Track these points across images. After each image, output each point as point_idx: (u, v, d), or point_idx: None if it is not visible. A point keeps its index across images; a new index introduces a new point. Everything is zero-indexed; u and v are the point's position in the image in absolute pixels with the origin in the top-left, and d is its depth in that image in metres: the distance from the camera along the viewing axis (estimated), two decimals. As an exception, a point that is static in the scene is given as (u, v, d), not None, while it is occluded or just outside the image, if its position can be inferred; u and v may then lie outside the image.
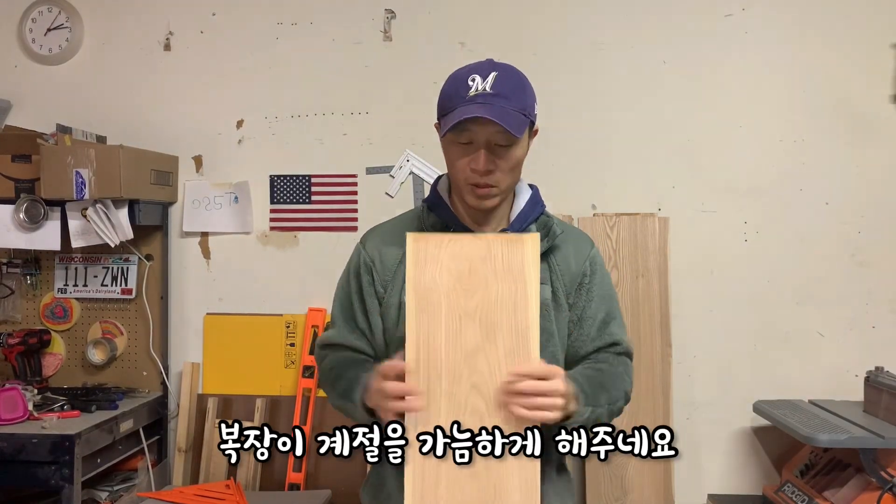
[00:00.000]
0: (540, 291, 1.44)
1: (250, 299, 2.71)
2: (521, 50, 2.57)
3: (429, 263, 1.26)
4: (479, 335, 1.25)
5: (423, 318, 1.25)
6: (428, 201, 1.54)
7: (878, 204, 2.52)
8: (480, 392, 1.24)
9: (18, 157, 2.43)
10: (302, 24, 2.69)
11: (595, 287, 1.51)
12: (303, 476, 2.54)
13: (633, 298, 2.48)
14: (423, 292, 1.26)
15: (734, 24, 2.55)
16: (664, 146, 2.58)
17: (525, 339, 1.25)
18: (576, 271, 1.50)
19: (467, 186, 1.42)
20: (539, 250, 1.29)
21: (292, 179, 2.70)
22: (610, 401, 1.42)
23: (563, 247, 1.51)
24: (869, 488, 2.06)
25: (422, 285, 1.26)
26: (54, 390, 2.52)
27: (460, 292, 1.26)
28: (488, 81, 1.41)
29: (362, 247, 1.55)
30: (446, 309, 1.25)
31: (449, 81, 1.46)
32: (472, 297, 1.26)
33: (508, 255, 1.26)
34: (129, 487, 2.51)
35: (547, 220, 1.51)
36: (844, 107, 2.52)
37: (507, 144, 1.40)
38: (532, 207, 1.51)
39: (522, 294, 1.25)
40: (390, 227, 1.58)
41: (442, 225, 1.49)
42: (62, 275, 2.69)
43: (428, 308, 1.25)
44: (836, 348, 2.53)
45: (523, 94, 1.44)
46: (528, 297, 1.25)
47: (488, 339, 1.24)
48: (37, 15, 2.74)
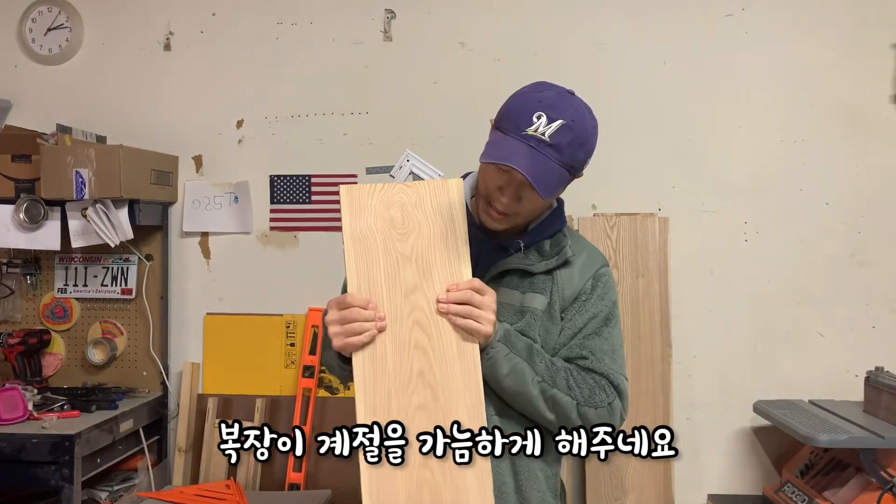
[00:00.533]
0: (533, 300, 1.44)
1: (250, 299, 2.71)
2: (521, 50, 2.57)
3: (363, 212, 1.33)
4: (416, 275, 1.32)
5: (362, 263, 1.32)
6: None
7: (878, 204, 2.53)
8: (422, 327, 1.30)
9: (18, 157, 2.43)
10: (302, 24, 2.69)
11: (589, 303, 1.45)
12: (303, 476, 2.54)
13: (633, 298, 2.48)
14: (360, 239, 1.32)
15: (734, 24, 2.55)
16: (664, 146, 2.58)
17: (458, 272, 1.32)
18: (578, 287, 1.45)
19: (484, 204, 1.40)
20: (463, 194, 1.35)
21: (292, 179, 2.70)
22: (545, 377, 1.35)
23: (574, 262, 1.47)
24: (869, 488, 2.06)
25: (358, 232, 1.32)
26: (54, 390, 2.52)
27: (395, 236, 1.33)
28: (551, 128, 1.31)
29: None
30: (383, 253, 1.32)
31: (518, 99, 1.37)
32: (407, 240, 1.33)
33: (436, 198, 1.35)
34: (129, 487, 2.51)
35: (562, 239, 1.46)
36: (844, 107, 2.53)
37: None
38: (551, 223, 1.47)
39: (451, 232, 1.33)
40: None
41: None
42: (62, 275, 2.69)
43: (366, 254, 1.32)
44: (836, 348, 2.53)
45: (579, 151, 1.37)
46: (456, 235, 1.33)
47: (425, 277, 1.32)
48: (37, 15, 2.74)
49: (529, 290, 1.44)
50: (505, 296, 1.43)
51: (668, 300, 2.49)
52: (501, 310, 1.40)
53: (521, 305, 1.43)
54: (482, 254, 1.45)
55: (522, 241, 1.45)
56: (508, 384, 1.35)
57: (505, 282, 1.45)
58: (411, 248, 1.33)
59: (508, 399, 1.39)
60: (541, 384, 1.36)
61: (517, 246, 1.45)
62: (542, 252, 1.46)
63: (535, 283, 1.45)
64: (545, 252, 1.46)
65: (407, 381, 1.29)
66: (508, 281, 1.45)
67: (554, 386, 1.36)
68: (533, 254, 1.45)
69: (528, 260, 1.44)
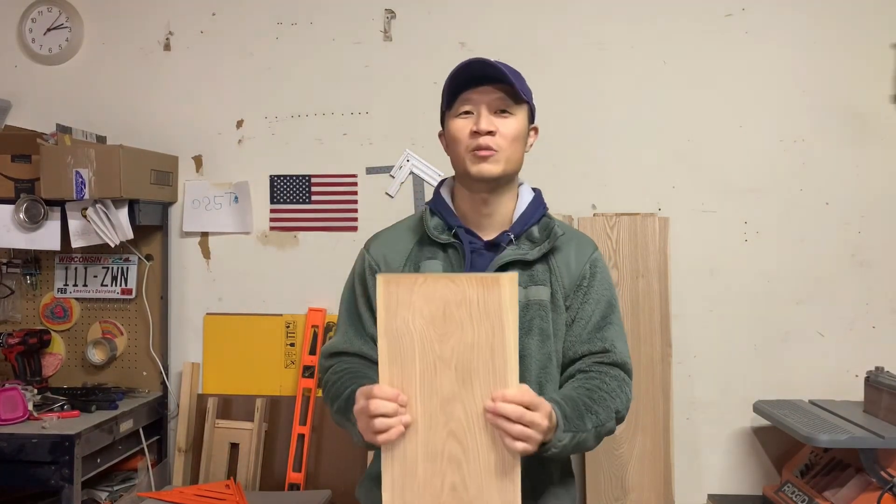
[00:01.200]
0: (538, 293, 1.45)
1: (250, 299, 2.71)
2: (521, 50, 2.57)
3: (400, 307, 1.21)
4: (455, 382, 1.20)
5: (396, 364, 1.21)
6: (431, 203, 1.54)
7: (878, 204, 2.52)
8: (458, 438, 1.21)
9: (18, 157, 2.43)
10: (302, 24, 2.69)
11: (593, 290, 1.49)
12: (303, 476, 2.54)
13: (633, 298, 2.48)
14: (395, 338, 1.21)
15: (734, 24, 2.55)
16: (664, 146, 2.58)
17: (503, 382, 1.19)
18: (576, 273, 1.49)
19: (469, 154, 1.43)
20: (517, 289, 1.22)
21: (292, 179, 2.70)
22: (597, 423, 1.37)
23: (565, 248, 1.51)
24: (869, 488, 2.05)
25: (393, 330, 1.21)
26: (54, 390, 2.52)
27: (434, 337, 1.21)
28: (489, 60, 1.44)
29: (366, 251, 1.56)
30: (420, 354, 1.21)
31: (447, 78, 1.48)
32: (447, 343, 1.21)
33: (484, 297, 1.19)
34: (129, 487, 2.51)
35: (549, 222, 1.51)
36: (844, 107, 2.52)
37: (508, 111, 1.43)
38: (534, 209, 1.52)
39: (500, 338, 1.19)
40: (393, 231, 1.59)
41: (444, 226, 1.50)
42: (62, 275, 2.69)
43: (401, 354, 1.21)
44: (836, 348, 2.53)
45: (521, 79, 1.48)
46: (505, 342, 1.19)
47: (465, 386, 1.20)
48: (37, 15, 2.74)
49: (531, 283, 1.46)
50: None
51: (668, 300, 2.49)
52: None
53: (525, 300, 1.45)
54: (475, 255, 1.46)
55: (510, 232, 1.47)
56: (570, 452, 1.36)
57: None
58: (451, 351, 1.21)
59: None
60: (596, 430, 1.38)
61: (507, 238, 1.47)
62: (532, 239, 1.49)
63: (535, 276, 1.47)
64: (535, 238, 1.49)
65: (437, 495, 1.21)
66: None
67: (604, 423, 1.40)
68: (524, 242, 1.48)
69: (521, 249, 1.47)
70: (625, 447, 2.43)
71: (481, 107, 1.42)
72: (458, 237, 1.47)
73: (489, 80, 1.42)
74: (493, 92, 1.42)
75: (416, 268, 1.50)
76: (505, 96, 1.43)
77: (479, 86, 1.42)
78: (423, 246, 1.51)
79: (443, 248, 1.50)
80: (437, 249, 1.50)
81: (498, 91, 1.42)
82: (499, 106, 1.43)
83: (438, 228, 1.49)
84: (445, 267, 1.48)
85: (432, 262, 1.49)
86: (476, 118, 1.42)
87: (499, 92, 1.42)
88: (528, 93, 1.48)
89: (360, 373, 1.46)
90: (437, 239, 1.49)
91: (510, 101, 1.43)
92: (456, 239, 1.48)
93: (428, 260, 1.49)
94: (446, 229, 1.49)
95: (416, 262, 1.51)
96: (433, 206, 1.53)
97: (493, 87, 1.42)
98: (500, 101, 1.43)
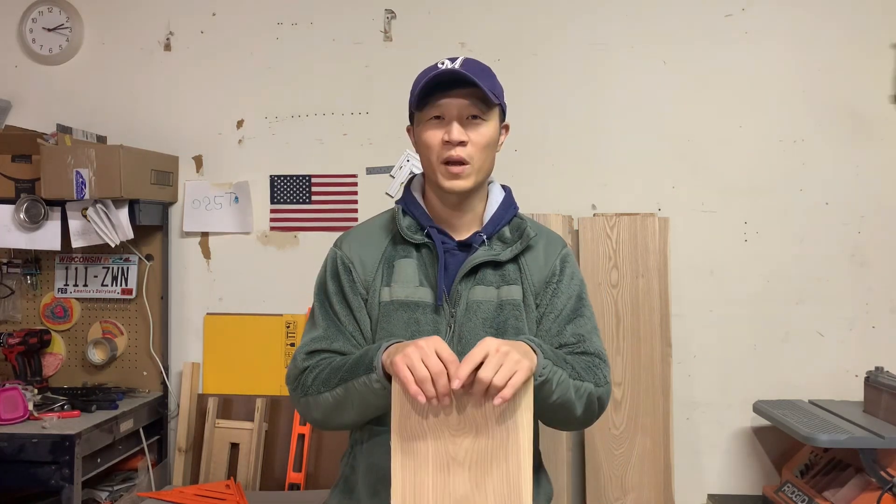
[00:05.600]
0: (510, 292, 1.46)
1: (250, 299, 2.71)
2: (521, 50, 2.57)
3: (415, 407, 1.20)
4: (468, 483, 1.19)
5: (409, 463, 1.20)
6: (401, 202, 1.54)
7: (878, 204, 2.53)
8: None
9: (18, 157, 2.44)
10: (302, 24, 2.69)
11: (563, 284, 1.50)
12: (303, 476, 2.54)
13: (633, 298, 2.48)
14: (408, 438, 1.20)
15: (734, 24, 2.55)
16: (664, 146, 2.58)
17: (517, 488, 1.18)
18: (546, 271, 1.50)
19: (440, 166, 1.42)
20: (533, 393, 1.21)
21: (292, 179, 2.70)
22: (573, 374, 1.35)
23: (535, 247, 1.52)
24: (869, 488, 2.06)
25: (407, 431, 1.20)
26: (54, 390, 2.52)
27: (448, 436, 1.20)
28: (457, 62, 1.42)
29: (338, 249, 1.55)
30: (433, 455, 1.20)
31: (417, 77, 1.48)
32: (461, 443, 1.20)
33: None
34: (129, 487, 2.51)
35: (520, 223, 1.52)
36: (844, 107, 2.53)
37: (480, 117, 1.42)
38: (505, 210, 1.52)
39: (515, 441, 1.18)
40: (364, 229, 1.59)
41: (416, 226, 1.50)
42: (62, 275, 2.69)
43: (413, 456, 1.20)
44: (836, 348, 2.53)
45: (492, 78, 1.46)
46: (520, 445, 1.18)
47: (478, 487, 1.19)
48: (37, 15, 2.74)
49: (503, 283, 1.47)
50: (481, 293, 1.46)
51: (668, 300, 2.49)
52: (481, 307, 1.43)
53: (498, 300, 1.45)
54: (448, 255, 1.47)
55: (482, 232, 1.48)
56: (557, 397, 1.32)
57: (478, 279, 1.47)
58: (465, 452, 1.20)
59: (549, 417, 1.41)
60: (574, 382, 1.35)
61: (480, 239, 1.47)
62: (503, 240, 1.50)
63: (506, 276, 1.48)
64: (507, 238, 1.50)
65: None
66: (482, 278, 1.47)
67: (579, 376, 1.37)
68: (496, 243, 1.49)
69: (494, 250, 1.47)
70: (625, 447, 2.43)
71: (452, 113, 1.41)
72: (431, 237, 1.47)
73: (460, 84, 1.40)
74: (464, 97, 1.40)
75: (390, 267, 1.50)
76: (477, 101, 1.41)
77: (451, 89, 1.40)
78: (397, 245, 1.52)
79: (416, 248, 1.50)
80: (411, 248, 1.50)
81: (469, 97, 1.40)
82: (470, 112, 1.41)
83: (412, 228, 1.50)
84: (419, 266, 1.48)
85: (406, 260, 1.49)
86: (447, 127, 1.41)
87: (470, 98, 1.40)
88: (499, 94, 1.46)
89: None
90: (411, 239, 1.49)
91: (482, 105, 1.41)
92: (429, 239, 1.48)
93: (402, 259, 1.50)
94: (419, 229, 1.50)
95: (390, 261, 1.51)
96: (405, 205, 1.53)
97: (464, 91, 1.40)
98: (471, 107, 1.41)
